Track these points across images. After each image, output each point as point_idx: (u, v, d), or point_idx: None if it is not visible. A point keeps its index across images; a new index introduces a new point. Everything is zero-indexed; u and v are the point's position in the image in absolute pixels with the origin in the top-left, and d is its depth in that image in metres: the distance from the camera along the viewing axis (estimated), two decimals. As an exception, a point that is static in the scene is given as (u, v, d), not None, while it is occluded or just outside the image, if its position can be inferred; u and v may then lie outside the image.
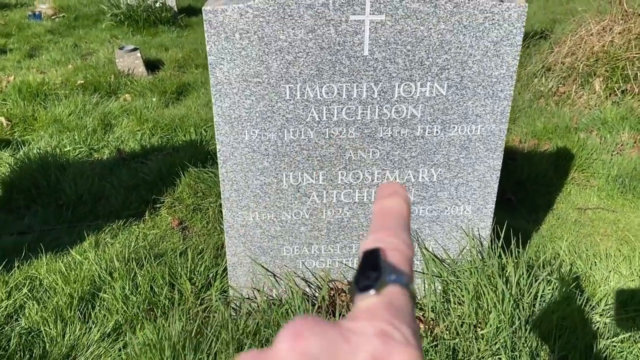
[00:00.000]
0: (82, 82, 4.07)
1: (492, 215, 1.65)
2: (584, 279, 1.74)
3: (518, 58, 1.40)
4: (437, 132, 1.51)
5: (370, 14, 1.34)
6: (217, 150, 1.50)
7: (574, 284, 1.59)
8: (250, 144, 1.49)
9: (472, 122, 1.50)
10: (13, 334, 1.51)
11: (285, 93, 1.43)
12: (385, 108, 1.47)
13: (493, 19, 1.36)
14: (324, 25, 1.35)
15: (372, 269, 0.29)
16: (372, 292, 0.28)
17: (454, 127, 1.50)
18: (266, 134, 1.48)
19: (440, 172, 1.57)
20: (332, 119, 1.48)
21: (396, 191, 0.34)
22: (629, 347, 1.39)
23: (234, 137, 1.48)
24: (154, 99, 3.84)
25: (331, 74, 1.41)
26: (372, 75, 1.42)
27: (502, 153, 1.55)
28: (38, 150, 2.81)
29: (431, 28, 1.36)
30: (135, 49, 4.53)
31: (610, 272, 1.80)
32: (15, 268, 1.87)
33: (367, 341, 0.25)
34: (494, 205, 1.63)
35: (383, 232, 0.31)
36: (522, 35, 1.39)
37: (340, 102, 1.45)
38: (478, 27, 1.36)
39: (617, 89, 3.77)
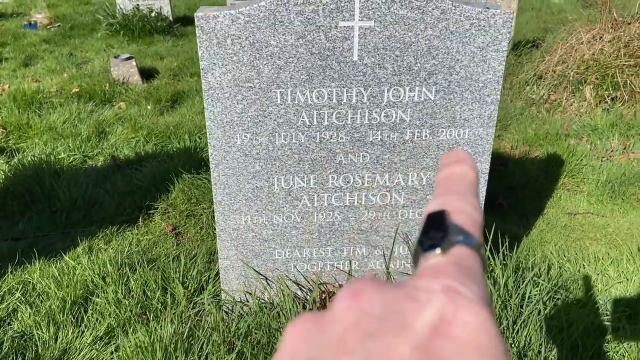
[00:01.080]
0: (77, 90, 4.09)
1: (481, 218, 1.67)
2: (572, 281, 1.76)
3: (504, 63, 1.43)
4: (426, 136, 1.53)
5: (359, 20, 1.37)
6: (210, 154, 1.52)
7: (562, 286, 1.61)
8: (242, 148, 1.52)
9: (460, 126, 1.52)
10: (5, 338, 1.51)
11: (276, 98, 1.46)
12: (375, 112, 1.49)
13: (479, 25, 1.39)
14: (314, 31, 1.38)
15: (437, 230, 0.26)
16: (437, 250, 0.25)
17: (443, 131, 1.53)
18: (258, 138, 1.51)
19: (429, 175, 1.59)
20: (323, 123, 1.50)
21: (461, 159, 0.31)
22: (614, 347, 1.41)
23: (226, 141, 1.50)
24: (149, 107, 3.86)
25: (321, 79, 1.44)
26: (362, 80, 1.45)
27: (490, 157, 1.57)
28: (32, 158, 2.82)
29: (419, 34, 1.39)
30: (130, 58, 4.56)
31: (598, 274, 1.82)
32: (9, 273, 1.88)
33: (433, 297, 0.22)
34: (482, 209, 1.66)
35: (448, 196, 0.28)
36: (508, 41, 1.42)
37: (330, 106, 1.48)
38: (464, 33, 1.40)
39: (607, 97, 3.82)
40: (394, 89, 1.46)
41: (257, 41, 1.38)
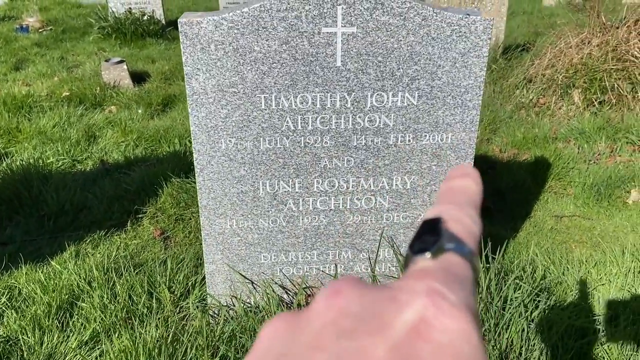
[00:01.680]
0: (67, 94, 4.08)
1: (465, 222, 1.69)
2: (555, 284, 1.78)
3: (485, 69, 1.45)
4: (409, 140, 1.55)
5: (342, 26, 1.39)
6: (194, 159, 1.53)
7: (545, 288, 1.63)
8: (226, 153, 1.52)
9: (443, 131, 1.54)
10: (-10, 343, 1.52)
11: (261, 103, 1.47)
12: (359, 117, 1.51)
13: (460, 32, 1.41)
14: (297, 37, 1.39)
15: (430, 235, 0.26)
16: (427, 254, 0.25)
17: (426, 136, 1.54)
18: (242, 143, 1.52)
19: (413, 179, 1.61)
20: (307, 128, 1.51)
21: (466, 173, 0.31)
22: (595, 349, 1.42)
23: (211, 145, 1.51)
24: (140, 111, 3.86)
25: (305, 84, 1.45)
26: (345, 86, 1.46)
27: (473, 161, 1.59)
28: (21, 162, 2.81)
29: (401, 40, 1.41)
30: (121, 61, 4.56)
31: (582, 277, 1.84)
32: (-5, 278, 1.88)
33: (415, 298, 0.22)
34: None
35: (446, 206, 0.28)
36: (488, 47, 1.44)
37: (314, 111, 1.49)
38: (446, 39, 1.41)
39: (595, 100, 3.86)
40: (377, 94, 1.48)
41: (240, 47, 1.39)
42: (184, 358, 1.35)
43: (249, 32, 1.38)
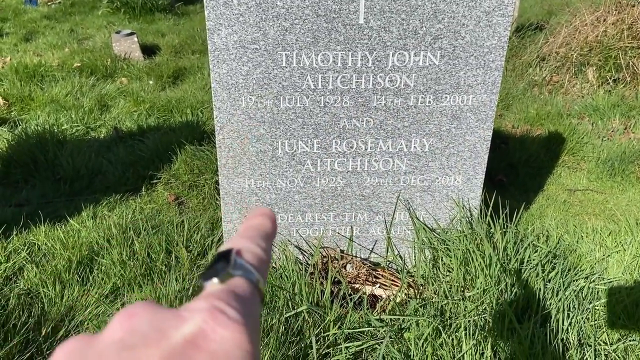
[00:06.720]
0: (78, 65, 4.08)
1: (481, 186, 1.69)
2: (570, 251, 1.78)
3: (509, 29, 1.44)
4: (429, 101, 1.54)
5: (365, -18, 1.38)
6: (214, 116, 1.53)
7: (560, 254, 1.63)
8: (246, 111, 1.53)
9: (464, 92, 1.53)
10: (12, 295, 1.54)
11: (282, 60, 1.46)
12: (379, 77, 1.50)
13: (485, -11, 1.39)
14: (320, -7, 1.38)
15: (221, 263, 0.30)
16: (215, 280, 0.28)
17: (446, 97, 1.54)
18: (262, 101, 1.52)
19: (432, 142, 1.61)
20: (327, 87, 1.51)
21: (263, 212, 0.36)
22: (611, 309, 1.43)
23: (231, 103, 1.51)
24: (151, 82, 3.86)
25: (327, 42, 1.45)
26: (367, 44, 1.45)
27: (493, 124, 1.59)
28: (36, 127, 2.83)
29: (425, -3, 1.40)
30: (132, 34, 4.54)
31: (596, 245, 1.85)
32: (14, 235, 1.90)
33: (196, 314, 0.25)
34: (483, 176, 1.67)
35: (240, 239, 0.32)
36: (514, 7, 1.42)
37: (335, 70, 1.49)
38: (470, -3, 1.40)
39: (610, 78, 3.83)
40: (399, 53, 1.47)
41: (263, 1, 1.39)
42: (204, 310, 1.37)
43: (272, -13, 1.37)
